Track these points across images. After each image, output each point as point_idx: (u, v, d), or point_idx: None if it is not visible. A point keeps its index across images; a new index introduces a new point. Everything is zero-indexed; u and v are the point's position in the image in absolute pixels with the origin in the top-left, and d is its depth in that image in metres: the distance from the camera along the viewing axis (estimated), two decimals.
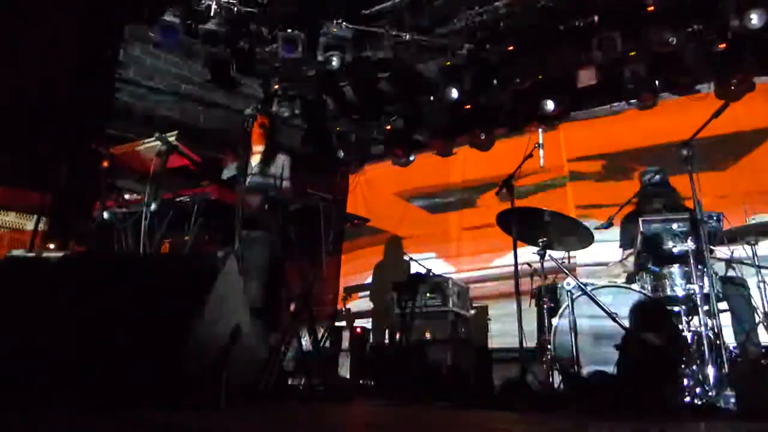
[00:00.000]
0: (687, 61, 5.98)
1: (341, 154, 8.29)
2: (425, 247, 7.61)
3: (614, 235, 4.72)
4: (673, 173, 4.44)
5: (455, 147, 7.89)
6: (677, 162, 3.45)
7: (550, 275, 4.18)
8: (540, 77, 6.61)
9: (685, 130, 3.53)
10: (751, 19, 5.24)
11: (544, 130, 6.97)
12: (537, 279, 4.24)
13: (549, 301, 4.05)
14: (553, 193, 6.85)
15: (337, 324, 6.38)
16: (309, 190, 3.74)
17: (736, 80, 5.86)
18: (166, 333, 2.14)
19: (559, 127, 7.10)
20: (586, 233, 4.14)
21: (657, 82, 6.29)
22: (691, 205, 3.45)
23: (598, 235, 4.14)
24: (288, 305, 4.04)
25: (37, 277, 2.48)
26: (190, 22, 6.17)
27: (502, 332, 6.00)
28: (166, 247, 3.81)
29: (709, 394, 3.03)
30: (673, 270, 3.73)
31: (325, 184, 8.31)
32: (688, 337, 3.56)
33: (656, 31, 5.61)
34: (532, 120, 6.99)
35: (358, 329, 5.93)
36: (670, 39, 5.60)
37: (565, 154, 7.02)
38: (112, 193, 3.72)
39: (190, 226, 3.55)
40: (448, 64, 6.73)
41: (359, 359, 5.71)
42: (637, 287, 3.86)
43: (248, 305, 2.64)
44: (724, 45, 5.78)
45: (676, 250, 3.62)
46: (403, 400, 4.43)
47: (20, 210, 5.12)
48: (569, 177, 6.93)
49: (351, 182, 8.88)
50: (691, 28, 5.70)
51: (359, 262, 8.18)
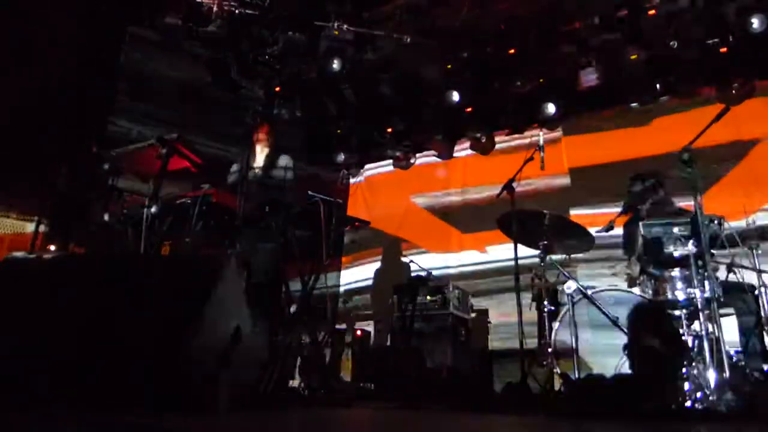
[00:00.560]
0: (688, 64, 5.98)
1: (342, 156, 8.29)
2: (426, 250, 7.60)
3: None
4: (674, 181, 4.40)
5: (456, 150, 7.89)
6: (678, 169, 3.44)
7: (551, 278, 4.18)
8: (541, 80, 6.62)
9: (686, 131, 3.53)
10: (752, 24, 5.26)
11: (545, 133, 7.03)
12: (537, 282, 4.23)
13: (549, 304, 4.05)
14: (554, 196, 6.84)
15: (338, 326, 6.37)
16: (310, 193, 3.74)
17: (737, 84, 5.86)
18: (166, 335, 2.14)
19: (562, 138, 7.10)
20: (587, 237, 4.14)
21: (658, 86, 6.29)
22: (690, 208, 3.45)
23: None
24: (288, 307, 4.03)
25: (38, 278, 2.48)
26: (192, 25, 6.18)
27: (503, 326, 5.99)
28: (167, 249, 3.81)
29: (710, 398, 3.02)
30: (674, 274, 3.72)
31: (325, 186, 8.32)
32: (689, 340, 3.55)
33: (657, 35, 5.62)
34: (533, 123, 7.00)
35: (359, 332, 5.92)
36: (672, 43, 5.60)
37: (566, 164, 7.02)
38: (113, 195, 3.72)
39: (190, 227, 3.55)
40: (449, 66, 6.73)
41: (360, 362, 5.70)
42: (637, 291, 3.85)
43: (248, 307, 2.64)
44: (725, 49, 5.78)
45: (677, 254, 3.61)
46: (403, 402, 4.42)
47: (21, 212, 5.12)
48: (570, 182, 6.92)
49: (352, 185, 8.87)
50: (692, 32, 5.71)
51: (360, 265, 8.17)
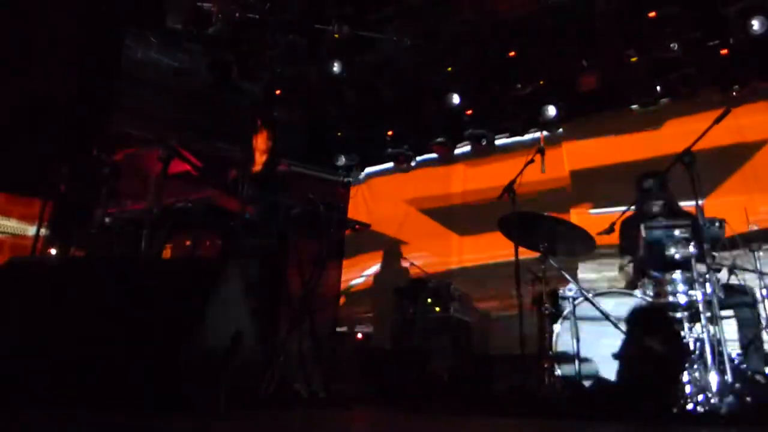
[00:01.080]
0: (689, 67, 5.98)
1: (342, 159, 8.29)
2: (426, 253, 7.60)
3: None
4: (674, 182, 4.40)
5: (457, 152, 7.89)
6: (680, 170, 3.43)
7: (552, 280, 4.17)
8: (541, 83, 6.62)
9: (687, 133, 3.53)
10: (753, 26, 5.26)
11: (547, 143, 7.03)
12: (538, 284, 4.22)
13: (550, 307, 4.04)
14: (555, 198, 6.83)
15: (338, 329, 6.37)
16: (310, 196, 3.74)
17: (737, 86, 5.86)
18: (166, 337, 2.14)
19: (563, 143, 7.10)
20: (588, 239, 4.13)
21: (658, 88, 6.29)
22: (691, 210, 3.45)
23: None
24: (289, 310, 4.03)
25: (39, 281, 2.48)
26: (193, 27, 6.19)
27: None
28: (168, 252, 3.81)
29: (711, 401, 3.01)
30: (675, 276, 3.71)
31: (326, 189, 8.32)
32: (690, 343, 3.54)
33: (658, 37, 5.62)
34: (534, 125, 7.00)
35: (360, 335, 5.92)
36: (672, 45, 5.61)
37: (567, 167, 7.02)
38: (114, 198, 3.73)
39: (191, 231, 3.55)
40: (450, 69, 6.74)
41: (360, 365, 5.69)
42: (638, 293, 3.84)
43: (249, 310, 2.64)
44: (726, 51, 5.78)
45: (678, 257, 3.60)
46: (404, 406, 4.42)
47: (22, 215, 5.12)
48: (572, 184, 6.92)
49: (352, 188, 8.87)
50: (693, 35, 5.71)
51: (360, 267, 8.16)
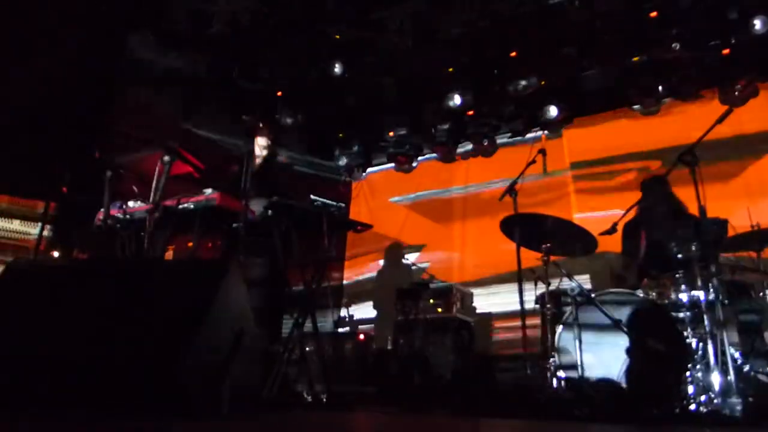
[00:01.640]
0: (690, 66, 5.98)
1: (344, 159, 8.29)
2: (428, 253, 7.60)
3: None
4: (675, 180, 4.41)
5: (458, 153, 7.89)
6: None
7: (554, 281, 4.16)
8: (543, 83, 6.61)
9: (689, 132, 3.52)
10: (755, 25, 5.26)
11: (548, 136, 7.03)
12: (540, 285, 4.22)
13: (552, 307, 4.04)
14: (557, 199, 6.83)
15: (340, 330, 6.36)
16: (312, 196, 3.74)
17: (739, 86, 5.85)
18: (168, 339, 2.14)
19: (563, 132, 7.09)
20: (590, 239, 4.12)
21: (660, 88, 6.28)
22: (694, 211, 3.44)
23: None
24: (291, 311, 4.03)
25: (41, 283, 2.49)
26: (194, 29, 6.20)
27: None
28: (170, 254, 3.81)
29: (714, 402, 3.01)
30: (678, 276, 3.71)
31: (327, 190, 8.32)
32: (693, 343, 3.54)
33: (659, 37, 5.62)
34: (536, 126, 7.00)
35: (362, 336, 5.91)
36: (674, 44, 5.60)
37: (568, 158, 7.01)
38: (116, 200, 3.73)
39: (193, 232, 3.56)
40: (451, 69, 6.74)
41: (362, 366, 5.69)
42: (641, 293, 3.83)
43: (251, 311, 2.64)
44: (727, 50, 5.77)
45: (680, 257, 3.60)
46: (406, 407, 4.41)
47: (24, 217, 5.13)
48: (573, 181, 6.91)
49: (354, 189, 8.87)
50: (694, 34, 5.71)
51: (362, 268, 8.16)
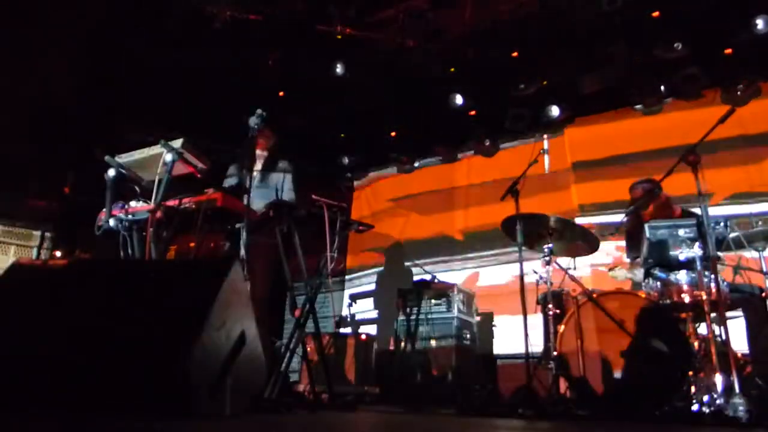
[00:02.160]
0: (692, 66, 5.97)
1: (346, 160, 8.30)
2: (430, 253, 7.60)
3: None
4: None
5: (460, 153, 7.89)
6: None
7: (556, 281, 4.16)
8: (545, 83, 6.61)
9: (692, 132, 3.52)
10: (757, 25, 5.25)
11: (549, 136, 7.03)
12: (542, 285, 4.22)
13: (554, 308, 4.03)
14: (559, 199, 6.82)
15: (342, 331, 6.36)
16: (314, 197, 3.74)
17: (742, 85, 5.84)
18: (170, 339, 2.14)
19: (565, 132, 7.08)
20: (592, 239, 4.12)
21: (662, 88, 6.27)
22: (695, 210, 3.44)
23: None
24: (293, 311, 4.03)
25: (43, 283, 2.49)
26: (196, 30, 6.22)
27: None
28: (172, 254, 3.82)
29: (717, 402, 3.00)
30: (680, 276, 3.71)
31: (329, 191, 8.33)
32: (696, 344, 3.53)
33: (661, 37, 5.61)
34: (537, 126, 6.99)
35: (363, 336, 5.92)
36: (675, 45, 5.60)
37: (570, 158, 7.00)
38: (118, 201, 3.74)
39: (195, 232, 3.56)
40: (453, 70, 6.74)
41: (364, 366, 5.69)
42: (643, 294, 3.83)
43: (253, 312, 2.64)
44: (729, 50, 5.77)
45: (682, 257, 3.59)
46: (408, 407, 4.41)
47: (27, 218, 5.15)
48: (575, 181, 6.90)
49: (355, 189, 8.88)
50: (696, 34, 5.70)
51: (364, 268, 8.17)
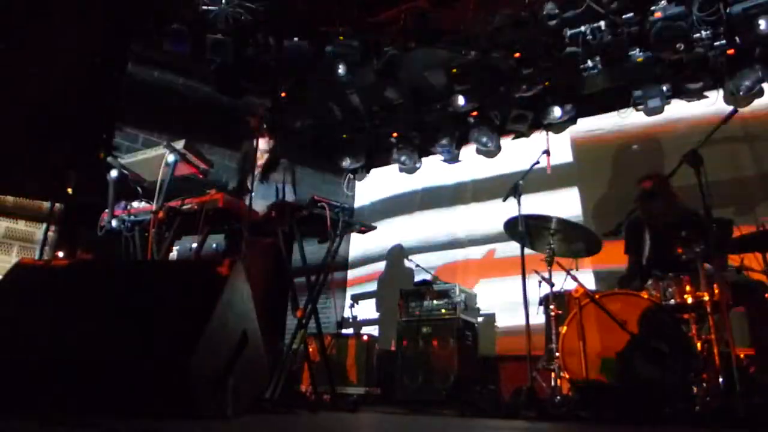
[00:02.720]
0: (695, 66, 5.96)
1: (348, 161, 8.30)
2: (432, 253, 7.59)
3: None
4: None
5: (462, 154, 7.89)
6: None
7: (558, 282, 4.15)
8: (546, 83, 6.61)
9: (694, 133, 3.51)
10: (760, 25, 5.24)
11: (551, 136, 7.02)
12: (544, 285, 4.21)
13: (556, 309, 4.03)
14: (561, 199, 6.80)
15: (344, 331, 6.37)
16: (316, 197, 3.75)
17: (744, 86, 5.82)
18: (172, 340, 2.14)
19: (567, 132, 7.07)
20: (594, 240, 4.12)
21: (664, 88, 6.26)
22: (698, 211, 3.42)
23: None
24: (295, 312, 4.04)
25: (46, 284, 2.50)
26: (198, 31, 6.22)
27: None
28: (174, 255, 3.82)
29: (719, 403, 3.00)
30: (682, 277, 3.70)
31: (332, 191, 8.33)
32: (698, 345, 3.53)
33: (664, 37, 5.60)
34: (539, 127, 6.99)
35: (365, 336, 5.92)
36: (678, 45, 5.58)
37: (572, 159, 6.99)
38: (121, 201, 3.75)
39: (197, 233, 3.56)
40: (455, 71, 6.74)
41: (366, 367, 5.69)
42: (646, 295, 3.83)
43: (255, 312, 2.64)
44: (732, 51, 5.76)
45: (685, 257, 3.59)
46: (409, 408, 4.41)
47: (30, 218, 5.16)
48: (577, 182, 6.88)
49: (358, 189, 8.88)
50: (699, 34, 5.69)
51: (366, 268, 8.17)
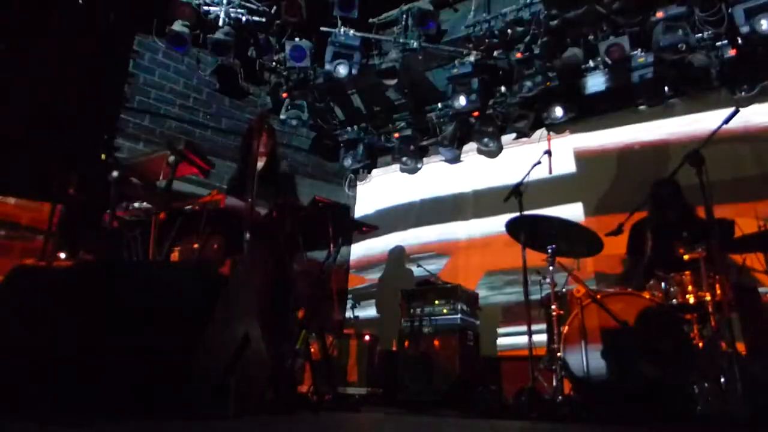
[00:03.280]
0: (696, 67, 5.95)
1: (349, 161, 8.31)
2: (433, 254, 7.59)
3: None
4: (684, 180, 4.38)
5: (463, 154, 7.89)
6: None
7: (559, 282, 4.15)
8: (548, 84, 6.60)
9: (696, 133, 3.51)
10: (762, 25, 5.23)
11: (553, 137, 7.01)
12: (546, 286, 4.21)
13: (558, 309, 4.02)
14: (562, 200, 6.80)
15: (346, 331, 6.37)
16: (317, 197, 3.75)
17: (746, 86, 5.82)
18: (174, 341, 2.14)
19: (568, 132, 7.07)
20: (596, 240, 4.11)
21: (666, 88, 6.26)
22: (700, 211, 3.43)
23: None
24: (296, 312, 4.04)
25: (47, 285, 2.50)
26: (199, 32, 6.23)
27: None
28: (176, 255, 3.82)
29: (721, 404, 2.99)
30: (684, 277, 3.70)
31: (333, 191, 8.34)
32: (699, 345, 3.52)
33: (665, 37, 5.59)
34: (541, 127, 6.98)
35: (367, 337, 5.92)
36: (680, 45, 5.58)
37: (573, 159, 6.99)
38: (122, 202, 3.74)
39: (199, 234, 3.56)
40: (456, 71, 6.74)
41: (368, 367, 5.69)
42: (647, 295, 3.82)
43: (257, 312, 2.64)
44: (734, 51, 5.75)
45: (687, 258, 3.59)
46: (411, 408, 4.41)
47: (31, 219, 5.16)
48: (578, 182, 6.88)
49: (359, 190, 8.88)
50: (700, 34, 5.69)
51: (367, 269, 8.17)
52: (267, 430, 2.20)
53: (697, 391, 3.18)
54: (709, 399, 3.09)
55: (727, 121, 3.35)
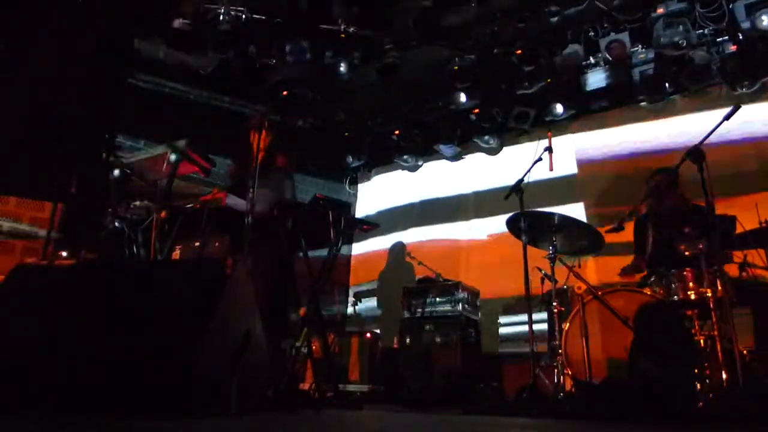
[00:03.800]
0: (697, 63, 5.94)
1: (350, 160, 8.30)
2: (434, 250, 7.59)
3: None
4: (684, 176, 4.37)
5: (464, 152, 7.88)
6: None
7: (561, 279, 4.14)
8: (549, 81, 6.59)
9: (697, 129, 3.51)
10: (763, 21, 5.22)
11: (554, 134, 7.00)
12: (547, 283, 4.21)
13: (559, 306, 4.02)
14: (563, 196, 6.79)
15: (347, 329, 6.37)
16: (318, 195, 3.75)
17: (747, 83, 5.80)
18: (176, 339, 2.15)
19: (569, 130, 7.06)
20: (597, 237, 4.11)
21: (667, 85, 6.24)
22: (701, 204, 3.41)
23: None
24: (298, 310, 4.04)
25: (48, 284, 2.50)
26: (200, 30, 6.23)
27: None
28: (177, 254, 3.83)
29: (722, 400, 2.99)
30: (686, 273, 3.70)
31: (334, 189, 8.34)
32: (701, 341, 3.52)
33: (666, 34, 5.58)
34: (542, 124, 6.97)
35: (368, 334, 5.92)
36: (680, 41, 5.57)
37: (574, 156, 6.98)
38: (123, 201, 3.75)
39: (200, 232, 3.57)
40: (456, 68, 6.73)
41: (369, 364, 5.70)
42: (649, 291, 3.82)
43: (258, 310, 2.64)
44: (735, 47, 5.74)
45: (688, 254, 3.58)
46: (413, 405, 4.42)
47: (33, 218, 5.17)
48: (579, 179, 6.87)
49: (360, 187, 8.88)
50: (701, 30, 5.68)
51: (369, 266, 8.17)
52: (269, 428, 2.21)
53: (698, 387, 3.18)
54: (710, 395, 3.08)
55: (728, 117, 3.34)
